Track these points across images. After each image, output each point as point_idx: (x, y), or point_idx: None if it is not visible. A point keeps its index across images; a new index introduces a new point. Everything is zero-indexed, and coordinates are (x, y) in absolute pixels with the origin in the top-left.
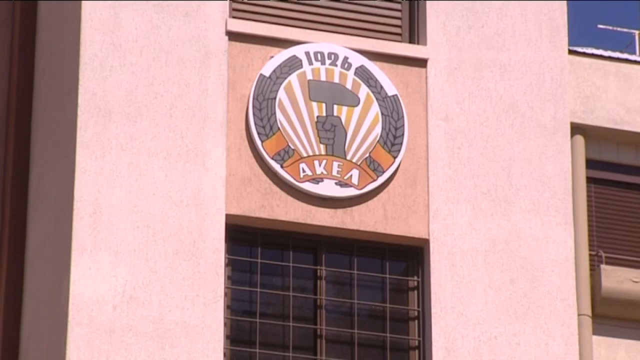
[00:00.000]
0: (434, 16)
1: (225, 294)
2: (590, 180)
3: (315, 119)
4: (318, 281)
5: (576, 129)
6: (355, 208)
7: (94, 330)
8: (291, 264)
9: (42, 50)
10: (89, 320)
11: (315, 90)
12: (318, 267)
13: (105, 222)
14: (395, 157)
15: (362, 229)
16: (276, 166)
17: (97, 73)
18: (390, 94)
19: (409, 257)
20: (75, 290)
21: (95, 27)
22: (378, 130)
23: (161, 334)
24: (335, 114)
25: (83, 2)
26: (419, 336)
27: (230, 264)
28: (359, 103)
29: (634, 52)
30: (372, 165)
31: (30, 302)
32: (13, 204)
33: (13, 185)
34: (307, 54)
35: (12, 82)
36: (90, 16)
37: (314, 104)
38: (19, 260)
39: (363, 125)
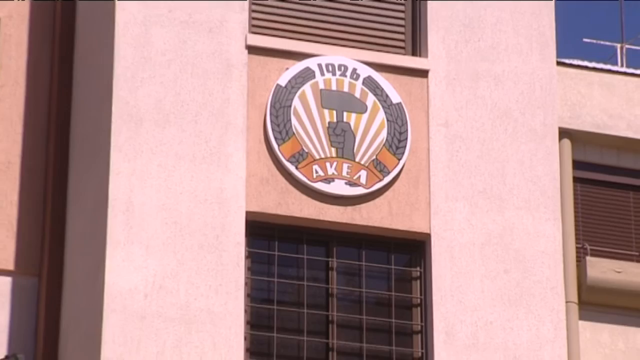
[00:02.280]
0: (435, 31)
1: (246, 284)
2: (576, 179)
3: (327, 125)
4: (330, 272)
5: (564, 133)
6: (363, 205)
7: (126, 317)
8: (305, 256)
9: (80, 63)
10: (122, 308)
11: (327, 98)
12: (330, 259)
13: (137, 219)
14: (399, 159)
15: (369, 224)
16: (291, 167)
17: (129, 84)
18: (394, 101)
19: (412, 250)
20: (110, 280)
21: (128, 42)
22: (384, 134)
23: (188, 320)
24: (345, 120)
25: (117, 19)
26: (421, 322)
27: (250, 256)
28: (366, 110)
29: (616, 64)
30: (378, 167)
31: (69, 291)
32: (54, 203)
33: (54, 185)
34: (320, 65)
35: (53, 92)
36: (123, 32)
37: (326, 111)
38: (59, 254)
39: (370, 130)
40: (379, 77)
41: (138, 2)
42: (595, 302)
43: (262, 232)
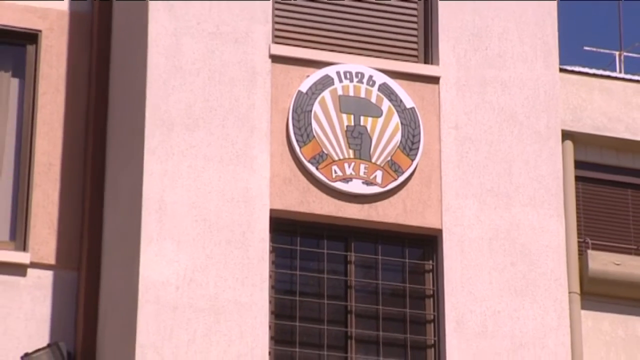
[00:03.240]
0: (445, 40)
1: (270, 276)
2: (578, 178)
3: (345, 128)
4: (348, 265)
5: (566, 135)
6: (379, 203)
7: (160, 307)
8: (325, 251)
9: (115, 72)
10: (156, 299)
11: (345, 103)
12: (348, 253)
13: (169, 217)
14: (413, 160)
15: (385, 220)
16: (312, 168)
17: (161, 91)
18: (408, 106)
19: (425, 244)
20: (144, 273)
21: (160, 52)
22: (398, 137)
23: (216, 310)
24: (362, 123)
25: (149, 30)
26: (433, 311)
27: (274, 251)
28: (382, 114)
29: (614, 70)
30: (393, 167)
31: (107, 283)
32: (92, 202)
33: (91, 185)
34: (338, 73)
35: (90, 99)
36: (155, 43)
37: (344, 115)
38: (96, 249)
39: (385, 133)
40: (394, 84)
41: (169, 14)
42: (597, 293)
43: (285, 228)
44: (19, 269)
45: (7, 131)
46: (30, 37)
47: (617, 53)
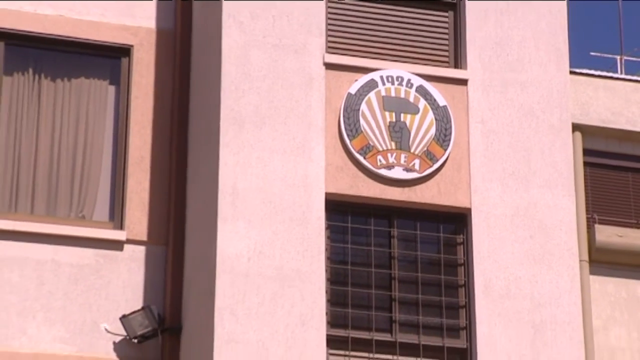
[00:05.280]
0: (472, 48)
1: (326, 249)
2: (586, 164)
3: (388, 124)
4: (392, 239)
5: (576, 127)
6: (417, 186)
7: (234, 276)
8: (372, 227)
9: (195, 80)
10: (231, 269)
11: (388, 103)
12: (391, 229)
13: (241, 200)
14: (445, 150)
15: (422, 201)
16: (360, 158)
17: (233, 94)
18: (441, 105)
19: (457, 221)
20: (221, 247)
21: (232, 62)
22: (433, 131)
23: (281, 278)
24: (402, 120)
25: (223, 44)
26: (464, 277)
27: (329, 227)
28: (419, 112)
29: (616, 72)
30: (429, 156)
31: (190, 256)
32: (176, 188)
33: (176, 174)
34: (382, 77)
35: (174, 102)
36: (228, 54)
37: (387, 113)
38: (181, 227)
39: (422, 127)
40: (429, 85)
41: (239, 30)
42: (603, 261)
43: (338, 208)
44: (117, 245)
45: (106, 130)
46: (124, 51)
47: (618, 57)
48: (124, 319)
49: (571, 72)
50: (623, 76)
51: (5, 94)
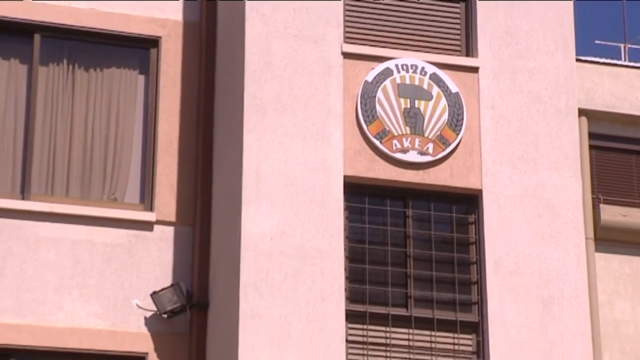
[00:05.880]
0: (483, 37)
1: (344, 229)
2: (591, 147)
3: (403, 110)
4: (407, 219)
5: (581, 112)
6: (431, 169)
7: (257, 254)
8: (388, 208)
9: (219, 68)
10: (254, 247)
11: (402, 90)
12: (406, 209)
13: (264, 182)
14: (457, 134)
15: (436, 183)
16: (377, 142)
17: (256, 83)
18: (453, 91)
19: (469, 201)
20: (245, 227)
21: (255, 52)
22: (446, 116)
23: (302, 256)
24: (416, 106)
25: (246, 35)
26: (476, 255)
27: (347, 208)
28: (432, 98)
29: (620, 59)
30: (442, 140)
31: (216, 236)
32: (203, 171)
33: (203, 159)
34: (397, 65)
35: (200, 90)
36: (251, 44)
37: (402, 100)
38: (207, 209)
39: (435, 113)
40: (442, 73)
41: (262, 22)
42: (607, 239)
43: (356, 190)
44: (147, 225)
45: (136, 117)
46: (153, 42)
47: (622, 45)
48: (154, 295)
49: (577, 60)
50: (627, 63)
51: (41, 83)
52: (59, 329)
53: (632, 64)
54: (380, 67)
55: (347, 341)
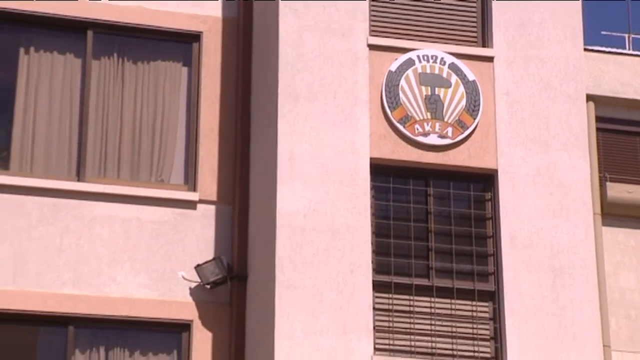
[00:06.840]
0: (498, 29)
1: (371, 206)
2: (599, 129)
3: (424, 97)
4: (428, 197)
5: (589, 97)
6: (450, 151)
7: (292, 230)
8: (411, 187)
9: (256, 60)
10: (289, 224)
11: (424, 78)
12: (428, 188)
13: (297, 164)
14: (474, 119)
15: (455, 164)
16: (400, 127)
17: (289, 73)
18: (470, 79)
19: (485, 180)
20: (280, 206)
21: (288, 44)
22: (464, 102)
23: (333, 231)
24: (436, 93)
25: (280, 29)
26: (492, 229)
27: (373, 188)
28: (451, 86)
29: (625, 48)
30: (460, 124)
31: (254, 213)
32: (241, 155)
33: (241, 143)
34: (418, 56)
35: (238, 80)
36: (285, 38)
37: (423, 87)
38: (246, 189)
39: (454, 99)
40: (460, 63)
41: (294, 16)
42: (613, 214)
43: (381, 171)
44: (191, 205)
45: (180, 106)
46: (195, 37)
47: (626, 35)
48: (198, 268)
49: (585, 49)
50: (631, 52)
51: (94, 76)
52: (112, 299)
53: (636, 52)
54: (403, 57)
55: (374, 309)
